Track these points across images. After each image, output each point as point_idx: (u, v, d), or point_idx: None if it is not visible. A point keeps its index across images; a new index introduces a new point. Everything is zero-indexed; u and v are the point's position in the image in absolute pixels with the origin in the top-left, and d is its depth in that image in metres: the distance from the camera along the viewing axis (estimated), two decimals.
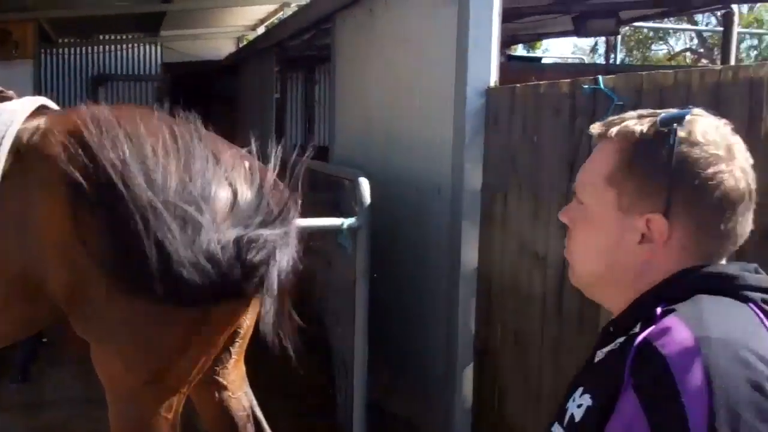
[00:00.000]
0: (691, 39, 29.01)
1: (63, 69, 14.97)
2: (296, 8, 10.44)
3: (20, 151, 3.02)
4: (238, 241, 2.86)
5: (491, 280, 4.21)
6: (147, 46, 15.33)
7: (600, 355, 1.40)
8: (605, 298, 1.48)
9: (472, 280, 4.35)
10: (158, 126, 3.12)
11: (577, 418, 1.32)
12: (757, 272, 1.37)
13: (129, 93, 15.22)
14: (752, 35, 25.84)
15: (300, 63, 12.60)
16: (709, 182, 1.31)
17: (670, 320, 1.25)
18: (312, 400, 5.51)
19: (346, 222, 4.32)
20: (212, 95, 12.99)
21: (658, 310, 1.29)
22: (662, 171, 1.32)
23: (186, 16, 12.62)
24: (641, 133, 1.36)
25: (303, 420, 5.20)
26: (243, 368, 3.53)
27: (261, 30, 13.67)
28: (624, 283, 1.40)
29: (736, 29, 9.06)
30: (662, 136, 1.34)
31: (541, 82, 3.76)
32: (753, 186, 1.36)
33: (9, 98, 3.42)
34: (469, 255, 4.33)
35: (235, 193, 2.99)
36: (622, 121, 1.40)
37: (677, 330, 1.22)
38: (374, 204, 4.41)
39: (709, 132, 1.34)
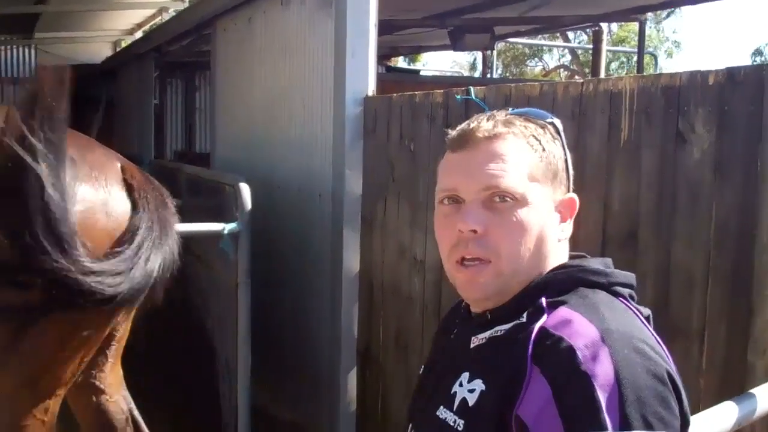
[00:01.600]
0: (564, 55, 30.06)
1: None
2: (174, 13, 10.34)
3: None
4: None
5: (372, 284, 4.31)
6: (21, 48, 14.84)
7: (477, 341, 1.46)
8: (503, 299, 1.47)
9: (354, 284, 4.43)
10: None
11: (471, 403, 1.37)
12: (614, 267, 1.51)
13: (2, 96, 14.69)
14: (622, 53, 26.84)
15: (180, 69, 12.44)
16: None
17: (566, 312, 1.33)
18: (196, 405, 5.49)
19: (227, 227, 4.34)
20: (89, 99, 12.70)
21: (543, 300, 1.38)
22: (561, 157, 1.50)
23: (61, 19, 12.29)
24: (534, 128, 1.51)
25: (186, 425, 5.17)
26: (120, 371, 3.51)
27: (139, 35, 13.44)
28: (532, 274, 1.46)
29: (606, 46, 9.48)
30: (551, 128, 1.54)
31: (416, 92, 3.88)
32: None
33: None
34: (351, 259, 4.42)
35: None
36: (510, 123, 1.51)
37: (579, 322, 1.30)
38: (256, 210, 4.46)
39: None
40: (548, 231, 1.47)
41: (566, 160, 1.54)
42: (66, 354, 3.01)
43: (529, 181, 1.45)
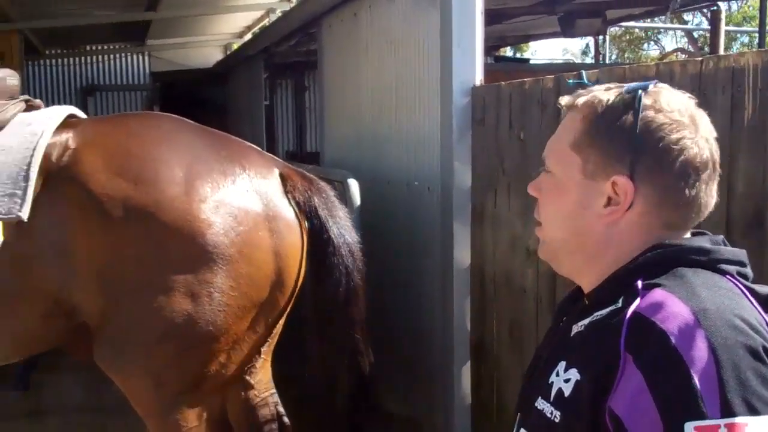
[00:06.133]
0: (683, 36, 28.99)
1: (51, 80, 14.83)
2: (281, 14, 10.47)
3: (50, 170, 3.01)
4: None
5: (484, 277, 4.24)
6: (135, 56, 15.28)
7: (577, 328, 1.40)
8: (572, 269, 1.48)
9: (466, 277, 4.38)
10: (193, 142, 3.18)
11: (567, 393, 1.31)
12: (725, 244, 1.40)
13: (119, 103, 15.15)
14: (743, 33, 25.69)
15: (289, 69, 12.61)
16: (673, 146, 1.33)
17: (660, 294, 1.26)
18: (311, 401, 5.52)
19: None
20: (202, 103, 12.99)
21: (639, 283, 1.30)
22: (627, 135, 1.35)
23: (171, 25, 12.62)
24: (607, 100, 1.39)
25: (306, 420, 5.21)
26: (269, 368, 3.53)
27: (248, 37, 13.69)
28: (590, 252, 1.42)
29: (724, 27, 9.06)
30: (627, 102, 1.37)
31: (526, 79, 3.80)
32: (716, 157, 1.37)
33: (37, 107, 3.41)
34: (462, 252, 4.36)
35: None
36: (590, 93, 1.44)
37: (672, 304, 1.23)
38: (365, 205, 4.45)
39: (674, 101, 1.37)
40: (592, 206, 1.42)
41: (638, 141, 1.41)
42: (225, 357, 3.06)
43: (573, 153, 1.44)
